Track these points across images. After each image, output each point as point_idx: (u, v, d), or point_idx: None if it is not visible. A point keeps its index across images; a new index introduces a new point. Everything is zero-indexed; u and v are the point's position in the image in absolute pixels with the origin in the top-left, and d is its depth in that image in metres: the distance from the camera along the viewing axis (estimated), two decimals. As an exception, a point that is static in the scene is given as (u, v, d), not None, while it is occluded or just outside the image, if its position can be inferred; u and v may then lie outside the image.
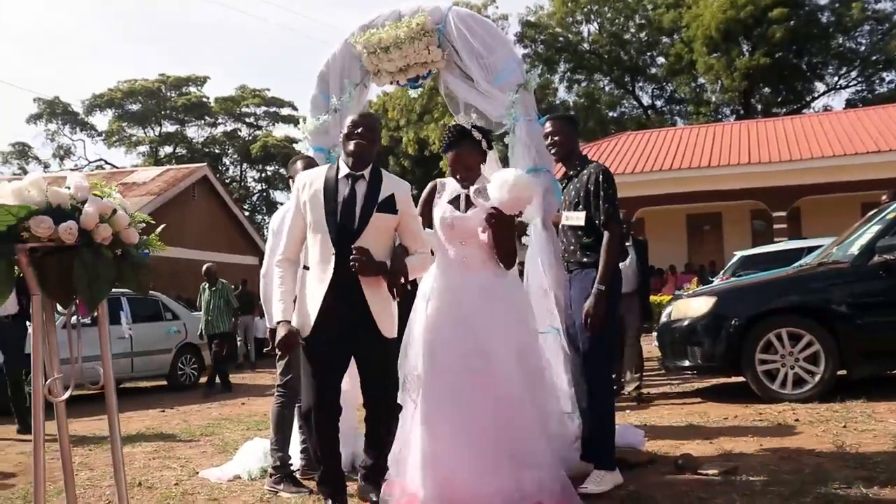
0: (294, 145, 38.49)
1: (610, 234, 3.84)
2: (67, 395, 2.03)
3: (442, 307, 3.56)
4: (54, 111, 43.37)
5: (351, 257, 3.25)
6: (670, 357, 7.18)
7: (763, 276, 7.49)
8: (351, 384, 3.68)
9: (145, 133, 45.08)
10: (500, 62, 4.65)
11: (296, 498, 3.97)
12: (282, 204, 45.39)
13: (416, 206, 3.71)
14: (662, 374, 8.60)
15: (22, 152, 44.75)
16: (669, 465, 4.16)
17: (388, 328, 3.44)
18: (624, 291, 5.19)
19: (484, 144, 3.74)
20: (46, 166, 44.77)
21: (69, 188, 1.91)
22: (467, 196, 3.66)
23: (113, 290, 2.10)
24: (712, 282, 11.52)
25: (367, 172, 3.43)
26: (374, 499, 3.53)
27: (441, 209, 3.69)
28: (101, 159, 45.76)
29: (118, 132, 43.96)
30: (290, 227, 3.48)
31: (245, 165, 46.16)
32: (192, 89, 44.63)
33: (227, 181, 41.10)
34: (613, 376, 5.84)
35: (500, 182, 3.49)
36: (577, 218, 3.93)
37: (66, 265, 1.89)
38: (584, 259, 3.93)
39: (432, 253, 3.64)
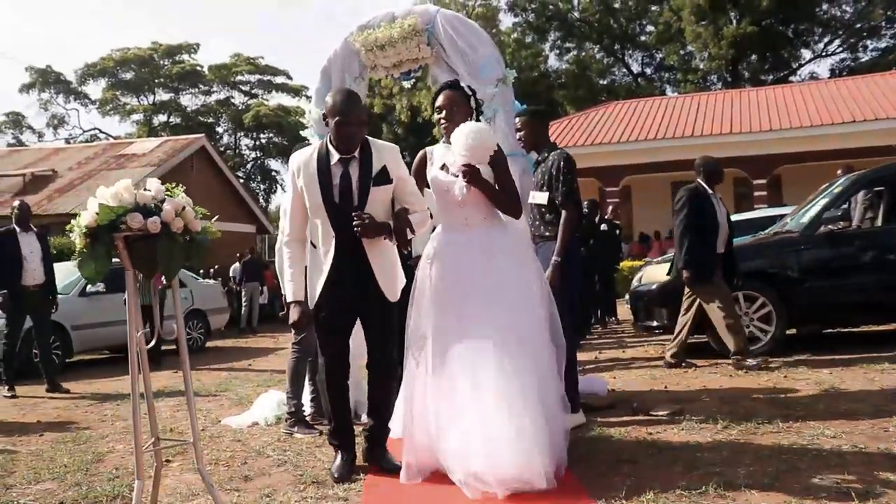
0: (290, 117, 38.79)
1: (567, 212, 4.43)
2: (152, 343, 2.73)
3: (445, 268, 3.65)
4: (47, 80, 43.31)
5: (354, 223, 3.40)
6: (642, 318, 7.94)
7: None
8: (356, 342, 3.84)
9: (139, 102, 45.06)
10: (482, 59, 5.24)
11: (308, 438, 4.63)
12: (277, 172, 45.25)
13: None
14: (634, 336, 9.34)
15: (16, 122, 45.05)
16: (627, 408, 4.83)
17: (391, 292, 3.64)
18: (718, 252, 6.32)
19: (472, 102, 3.92)
20: (41, 136, 45.11)
21: (150, 191, 2.59)
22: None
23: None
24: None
25: (356, 152, 3.52)
26: (379, 463, 3.71)
27: (433, 174, 3.82)
28: (95, 128, 46.21)
29: (112, 101, 43.93)
30: (291, 210, 3.63)
31: (239, 133, 46.29)
32: (185, 57, 44.63)
33: (222, 149, 41.30)
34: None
35: (461, 133, 3.60)
36: (541, 197, 4.55)
37: (150, 248, 2.56)
38: (546, 233, 4.55)
39: (431, 216, 3.84)
